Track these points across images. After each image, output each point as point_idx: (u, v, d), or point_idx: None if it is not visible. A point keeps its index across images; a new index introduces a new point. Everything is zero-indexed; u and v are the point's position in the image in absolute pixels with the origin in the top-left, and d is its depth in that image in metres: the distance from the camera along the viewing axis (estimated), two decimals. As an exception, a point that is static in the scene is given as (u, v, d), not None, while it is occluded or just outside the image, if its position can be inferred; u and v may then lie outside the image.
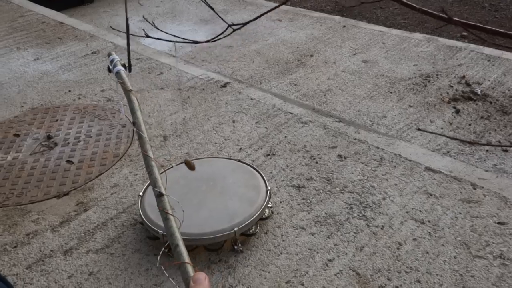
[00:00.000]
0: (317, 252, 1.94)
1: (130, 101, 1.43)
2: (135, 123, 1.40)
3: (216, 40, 1.85)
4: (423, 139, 2.76)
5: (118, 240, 2.09)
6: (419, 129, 1.66)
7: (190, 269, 0.85)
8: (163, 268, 1.86)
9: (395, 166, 2.40)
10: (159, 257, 1.93)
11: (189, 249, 1.92)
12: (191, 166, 2.05)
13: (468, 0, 5.60)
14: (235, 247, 1.96)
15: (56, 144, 2.78)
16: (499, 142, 2.78)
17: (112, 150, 2.70)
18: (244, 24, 1.94)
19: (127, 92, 1.45)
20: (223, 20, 1.79)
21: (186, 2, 5.71)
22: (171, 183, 2.14)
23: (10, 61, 3.92)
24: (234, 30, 1.90)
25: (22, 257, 2.04)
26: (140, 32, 4.69)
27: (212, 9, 1.57)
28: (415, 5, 1.18)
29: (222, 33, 1.94)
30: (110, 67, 1.56)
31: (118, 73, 1.52)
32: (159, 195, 1.23)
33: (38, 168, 2.59)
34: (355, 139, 2.65)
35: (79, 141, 2.79)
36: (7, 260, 2.03)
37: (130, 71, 1.67)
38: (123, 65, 1.58)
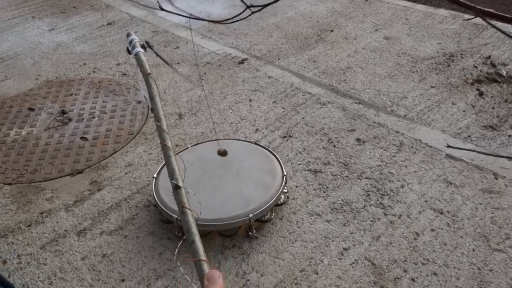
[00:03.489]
0: (333, 240, 1.91)
1: (148, 85, 1.39)
2: (153, 109, 1.35)
3: (233, 21, 1.78)
4: (444, 122, 2.68)
5: (132, 222, 2.07)
6: (449, 146, 1.60)
7: (205, 266, 0.83)
8: (179, 264, 1.85)
9: (415, 152, 2.34)
10: (176, 252, 1.91)
11: (203, 234, 1.90)
12: (222, 153, 2.04)
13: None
14: (250, 233, 1.94)
15: (70, 120, 2.76)
16: (523, 127, 2.69)
17: (126, 127, 2.67)
18: (263, 7, 1.86)
19: (145, 75, 1.40)
20: (242, 1, 1.71)
21: (203, -29, 5.56)
22: (186, 164, 2.11)
23: (25, 31, 3.87)
24: (252, 12, 1.83)
25: (36, 236, 2.04)
26: (156, 3, 4.59)
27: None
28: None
29: (239, 14, 1.86)
30: (129, 48, 1.51)
31: (137, 55, 1.47)
32: (176, 188, 1.19)
33: (52, 144, 2.57)
34: (374, 122, 2.58)
35: (93, 117, 2.76)
36: (21, 239, 2.03)
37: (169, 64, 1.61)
38: (142, 46, 1.52)
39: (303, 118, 2.65)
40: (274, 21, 4.09)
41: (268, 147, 2.42)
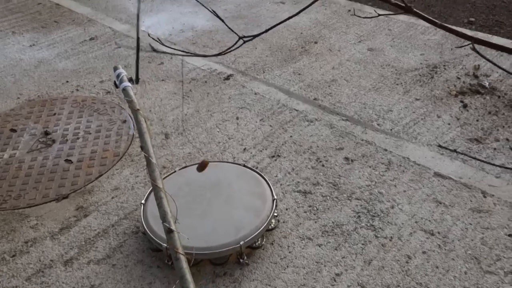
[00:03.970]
0: (325, 266, 1.90)
1: (137, 122, 1.36)
2: (143, 147, 1.33)
3: (227, 52, 1.76)
4: (429, 136, 2.70)
5: (120, 250, 2.04)
6: (440, 146, 1.62)
7: None
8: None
9: (403, 171, 2.34)
10: None
11: (193, 262, 1.87)
12: (203, 167, 1.96)
13: (476, -19, 5.44)
14: (241, 260, 1.92)
15: (54, 141, 2.71)
16: (507, 139, 2.71)
17: (112, 148, 2.63)
18: (255, 36, 1.85)
19: (134, 111, 1.37)
20: (234, 31, 1.70)
21: (185, -19, 5.53)
22: (174, 189, 2.09)
23: (5, 47, 3.80)
24: (244, 42, 1.81)
25: (21, 267, 1.99)
26: (142, 14, 4.55)
27: (222, 20, 1.49)
28: None
29: (233, 46, 1.84)
30: (117, 82, 1.48)
31: (125, 90, 1.44)
32: (169, 231, 1.17)
33: (36, 168, 2.52)
34: (362, 139, 2.58)
35: (77, 138, 2.71)
36: (5, 270, 1.98)
37: (137, 83, 1.59)
38: (130, 79, 1.50)
39: (290, 136, 2.64)
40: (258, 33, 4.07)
41: (257, 167, 2.41)
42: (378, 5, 4.92)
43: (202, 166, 1.95)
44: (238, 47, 1.57)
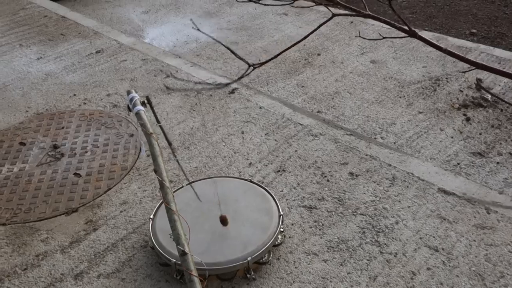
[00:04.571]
0: (330, 281, 1.93)
1: (151, 146, 1.40)
2: (156, 171, 1.37)
3: (240, 79, 1.81)
4: (433, 149, 2.73)
5: (129, 264, 2.07)
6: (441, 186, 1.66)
7: None
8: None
9: (407, 186, 2.38)
10: None
11: (201, 277, 1.90)
12: (224, 222, 2.03)
13: (478, -7, 5.50)
14: (248, 275, 1.95)
15: (62, 155, 2.75)
16: (510, 153, 2.74)
17: (120, 162, 2.67)
18: (264, 63, 1.89)
19: (147, 135, 1.41)
20: (243, 60, 1.74)
21: (190, -8, 5.59)
22: (182, 205, 2.12)
23: (13, 60, 3.85)
24: (254, 69, 1.85)
25: (32, 281, 2.03)
26: (143, 25, 4.61)
27: (231, 51, 1.53)
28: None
29: (245, 72, 1.88)
30: (130, 105, 1.52)
31: (138, 114, 1.48)
32: (182, 254, 1.21)
33: (45, 181, 2.56)
34: (366, 154, 2.61)
35: (86, 152, 2.76)
36: (17, 284, 2.02)
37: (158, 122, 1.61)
38: (143, 103, 1.54)
39: (295, 151, 2.68)
40: (261, 45, 4.13)
41: (262, 182, 2.45)
42: (380, 15, 4.96)
43: (223, 221, 2.03)
44: (247, 74, 1.62)
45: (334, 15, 1.76)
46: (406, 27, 1.62)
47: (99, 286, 1.98)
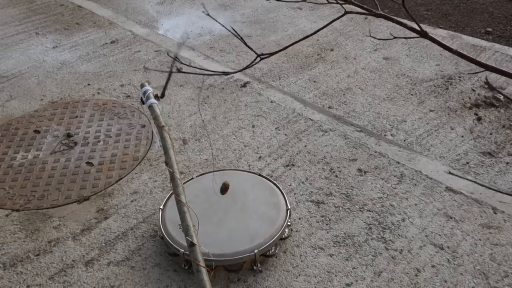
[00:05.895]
0: (336, 275, 1.96)
1: (162, 138, 1.43)
2: (167, 163, 1.40)
3: (246, 69, 1.83)
4: (442, 148, 2.74)
5: (138, 253, 2.12)
6: (450, 173, 1.67)
7: None
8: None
9: (415, 184, 2.39)
10: None
11: (208, 268, 1.94)
12: (225, 189, 2.10)
13: (495, -9, 5.44)
14: (254, 267, 1.98)
15: (76, 143, 2.80)
16: (520, 154, 2.74)
17: (131, 152, 2.71)
18: (272, 54, 1.92)
19: (159, 128, 1.45)
20: (252, 49, 1.77)
21: (205, -16, 5.60)
22: (192, 196, 2.16)
23: (29, 48, 3.91)
24: (261, 59, 1.88)
25: (44, 266, 2.08)
26: (158, 16, 4.64)
27: (242, 39, 1.55)
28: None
29: (251, 63, 1.92)
30: (143, 98, 1.55)
31: (151, 107, 1.51)
32: (191, 245, 1.24)
33: (58, 169, 2.61)
34: (375, 151, 2.63)
35: (98, 141, 2.80)
36: (30, 268, 2.07)
37: (162, 97, 1.66)
38: (156, 96, 1.57)
39: (305, 146, 2.70)
40: (275, 39, 4.14)
41: (271, 176, 2.47)
42: (394, 11, 4.95)
43: (224, 189, 2.08)
44: (255, 64, 1.64)
45: (346, 12, 1.77)
46: (417, 27, 1.63)
47: (109, 274, 2.03)
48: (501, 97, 3.30)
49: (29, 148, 2.78)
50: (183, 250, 1.92)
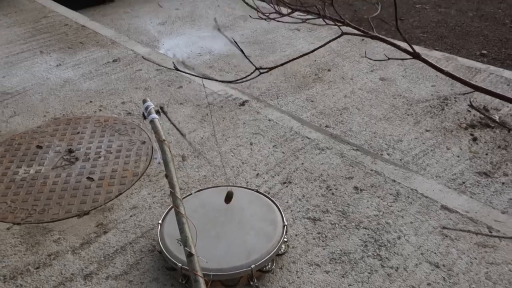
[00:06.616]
0: (331, 292, 1.98)
1: (163, 152, 1.48)
2: (167, 176, 1.44)
3: (243, 81, 1.88)
4: (438, 167, 2.79)
5: (136, 267, 2.14)
6: (444, 228, 1.73)
7: None
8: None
9: (411, 203, 2.43)
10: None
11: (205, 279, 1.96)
12: (228, 199, 2.14)
13: (489, 16, 5.55)
14: (251, 282, 2.01)
15: (77, 159, 2.84)
16: (515, 175, 2.78)
17: (131, 168, 2.75)
18: (271, 69, 1.97)
19: (160, 142, 1.49)
20: (251, 62, 1.82)
21: (205, 6, 5.72)
22: (190, 211, 2.19)
23: (33, 66, 3.98)
24: (260, 73, 1.93)
25: (44, 279, 2.10)
26: (159, 36, 4.73)
27: (242, 51, 1.60)
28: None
29: (249, 75, 1.97)
30: (145, 113, 1.60)
31: (152, 122, 1.56)
32: (189, 255, 1.27)
33: (59, 184, 2.65)
34: (371, 170, 2.67)
35: (99, 157, 2.84)
36: (29, 281, 2.09)
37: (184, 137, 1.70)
38: (157, 112, 1.62)
39: (302, 163, 2.74)
40: (273, 59, 4.22)
41: (269, 193, 2.51)
42: (391, 33, 5.04)
43: (229, 198, 2.13)
44: (253, 78, 1.69)
45: (343, 33, 1.84)
46: (410, 49, 1.70)
47: (107, 287, 2.05)
48: (496, 118, 3.36)
49: (31, 163, 2.82)
50: (180, 265, 1.94)
